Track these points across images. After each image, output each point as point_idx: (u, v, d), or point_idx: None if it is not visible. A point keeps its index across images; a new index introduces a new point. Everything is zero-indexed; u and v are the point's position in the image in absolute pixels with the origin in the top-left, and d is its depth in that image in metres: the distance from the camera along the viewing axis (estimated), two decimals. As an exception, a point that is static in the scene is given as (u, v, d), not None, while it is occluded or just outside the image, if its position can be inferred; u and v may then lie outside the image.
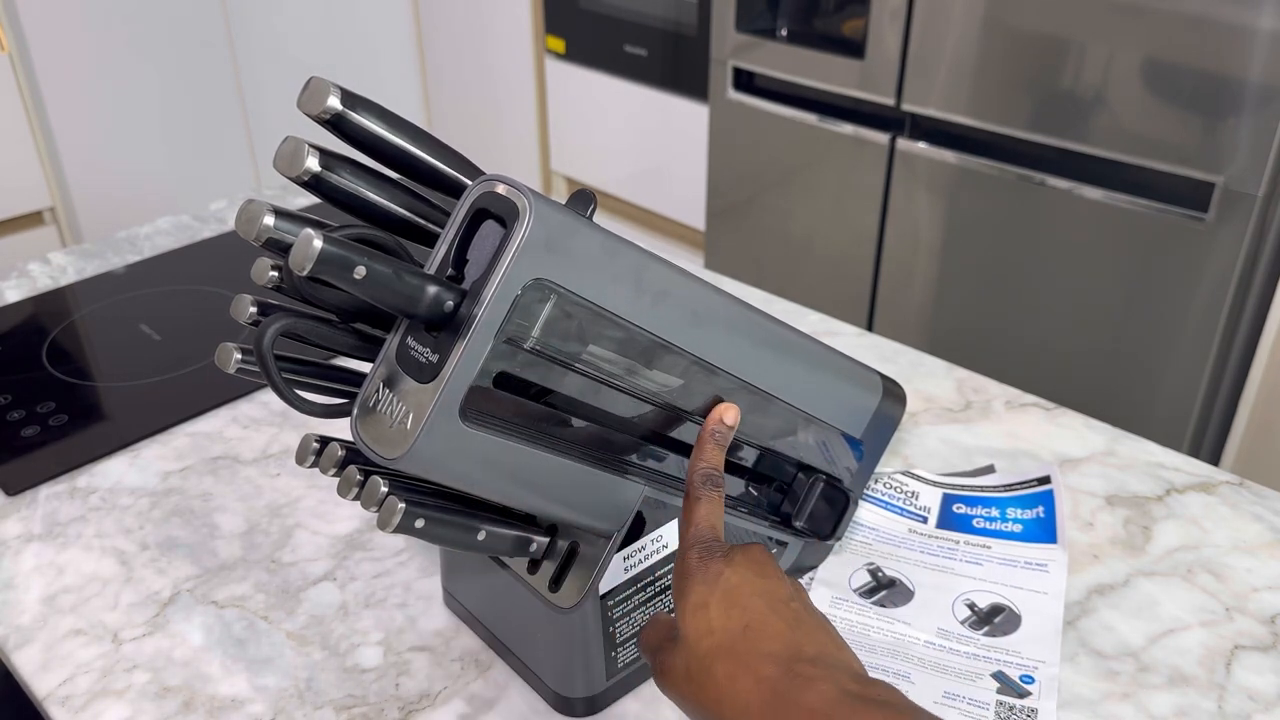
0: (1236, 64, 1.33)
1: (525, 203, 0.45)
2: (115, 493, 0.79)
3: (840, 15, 1.74)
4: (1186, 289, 1.47)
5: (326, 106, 0.46)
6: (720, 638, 0.46)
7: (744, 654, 0.45)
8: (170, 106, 2.31)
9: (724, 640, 0.46)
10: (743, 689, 0.44)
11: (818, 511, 0.66)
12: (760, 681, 0.44)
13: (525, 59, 2.47)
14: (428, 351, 0.46)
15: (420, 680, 0.64)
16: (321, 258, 0.42)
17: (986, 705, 0.61)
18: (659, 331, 0.52)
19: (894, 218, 1.78)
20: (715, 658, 0.45)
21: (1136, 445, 0.84)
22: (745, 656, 0.45)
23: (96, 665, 0.65)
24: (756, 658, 0.45)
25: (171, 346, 0.97)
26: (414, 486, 0.51)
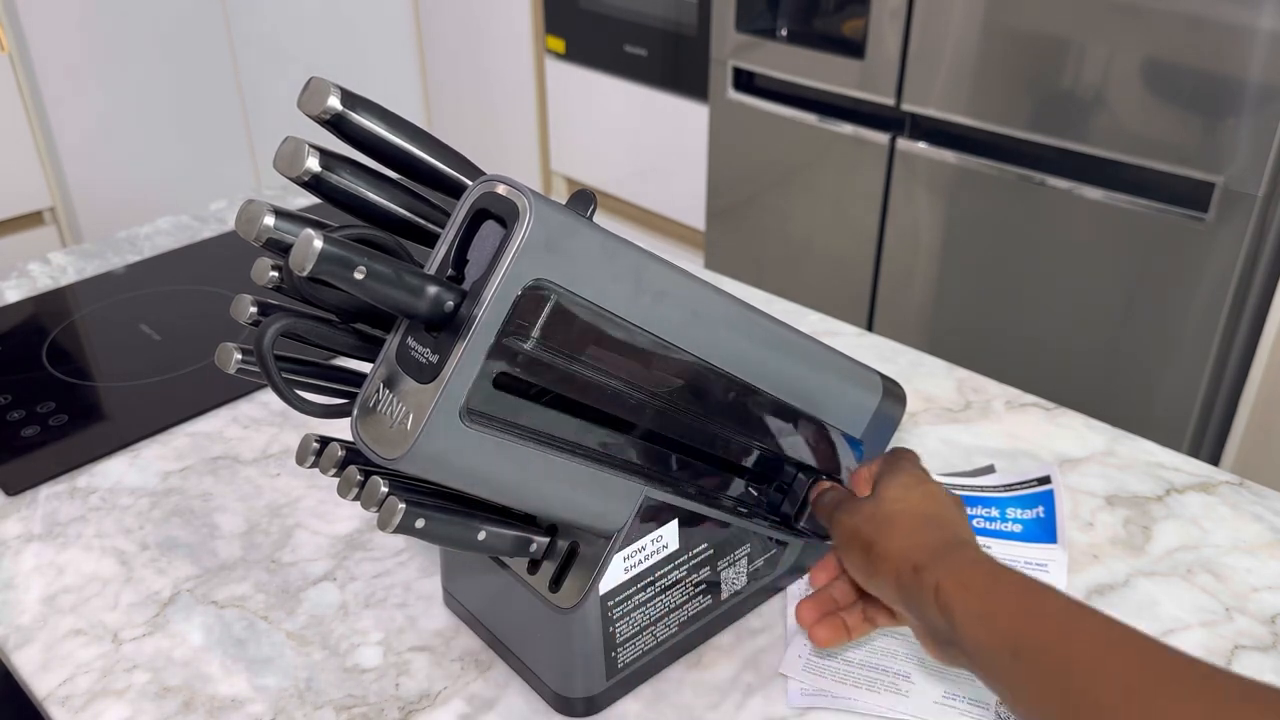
0: (1236, 64, 1.33)
1: (525, 203, 0.45)
2: (115, 493, 0.80)
3: (840, 15, 1.74)
4: (1186, 289, 1.47)
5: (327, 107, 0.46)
6: (911, 505, 0.57)
7: (924, 518, 0.56)
8: (170, 106, 2.31)
9: (913, 508, 0.57)
10: (916, 538, 0.55)
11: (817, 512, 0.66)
12: (933, 536, 0.55)
13: (525, 59, 2.47)
14: (428, 352, 0.46)
15: (420, 680, 0.64)
16: (321, 258, 0.42)
17: (987, 705, 0.61)
18: (659, 331, 0.52)
19: (894, 218, 1.78)
20: (903, 515, 0.57)
21: (1136, 445, 0.84)
22: (924, 519, 0.56)
23: (96, 665, 0.65)
24: (932, 523, 0.56)
25: (171, 346, 0.97)
26: (414, 487, 0.51)
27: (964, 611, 0.49)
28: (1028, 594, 0.49)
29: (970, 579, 0.51)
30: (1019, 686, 0.47)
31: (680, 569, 0.62)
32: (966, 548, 0.54)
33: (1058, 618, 0.47)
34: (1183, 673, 0.43)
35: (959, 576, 0.51)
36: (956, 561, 0.52)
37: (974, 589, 0.50)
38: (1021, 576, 0.51)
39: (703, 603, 0.64)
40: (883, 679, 0.63)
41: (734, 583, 0.66)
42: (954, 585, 0.51)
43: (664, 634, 0.63)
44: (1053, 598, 0.49)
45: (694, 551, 0.62)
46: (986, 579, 0.50)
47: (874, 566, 0.55)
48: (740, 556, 0.65)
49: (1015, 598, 0.49)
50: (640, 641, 0.62)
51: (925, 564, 0.52)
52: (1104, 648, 0.45)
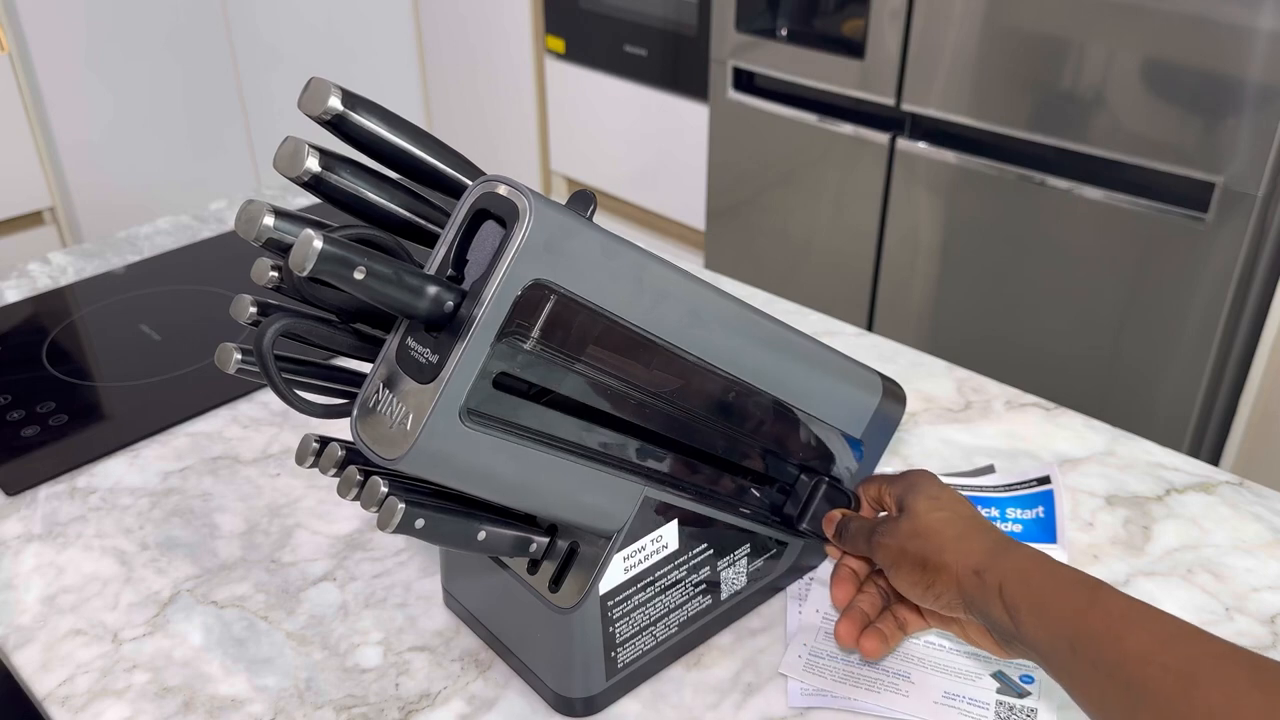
0: (1236, 64, 1.33)
1: (525, 203, 0.45)
2: (115, 493, 0.79)
3: (840, 15, 1.74)
4: (1186, 289, 1.47)
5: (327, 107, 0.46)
6: (949, 514, 0.59)
7: (967, 525, 0.58)
8: (170, 107, 2.31)
9: (951, 517, 0.59)
10: (967, 544, 0.56)
11: (818, 511, 0.66)
12: (983, 540, 0.56)
13: (525, 59, 2.47)
14: (428, 352, 0.46)
15: (420, 680, 0.64)
16: (321, 258, 0.42)
17: (986, 705, 0.61)
18: (659, 331, 0.52)
19: (894, 218, 1.78)
20: (945, 524, 0.58)
21: (1136, 445, 0.84)
22: (968, 526, 0.58)
23: (96, 665, 0.65)
24: (977, 529, 0.58)
25: (171, 346, 0.97)
26: (414, 487, 0.51)
27: (1028, 608, 0.51)
28: (1084, 588, 0.51)
29: (1030, 575, 0.53)
30: (1079, 677, 0.49)
31: (680, 569, 0.62)
32: (1016, 546, 0.56)
33: (1114, 611, 0.49)
34: (1238, 662, 0.45)
35: (1020, 574, 0.53)
36: (1014, 560, 0.54)
37: (1033, 585, 0.52)
38: (1075, 572, 0.53)
39: (702, 603, 0.64)
40: (883, 679, 0.63)
41: (734, 583, 0.66)
42: (1016, 583, 0.52)
43: (664, 634, 0.63)
44: (1107, 592, 0.50)
45: (694, 551, 0.62)
46: (1044, 575, 0.52)
47: (932, 578, 0.57)
48: (740, 556, 0.65)
49: (1073, 592, 0.51)
50: (640, 641, 0.62)
51: (985, 566, 0.54)
52: (1160, 640, 0.46)
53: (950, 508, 0.60)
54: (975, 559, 0.55)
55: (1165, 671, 0.45)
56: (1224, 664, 0.45)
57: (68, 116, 2.15)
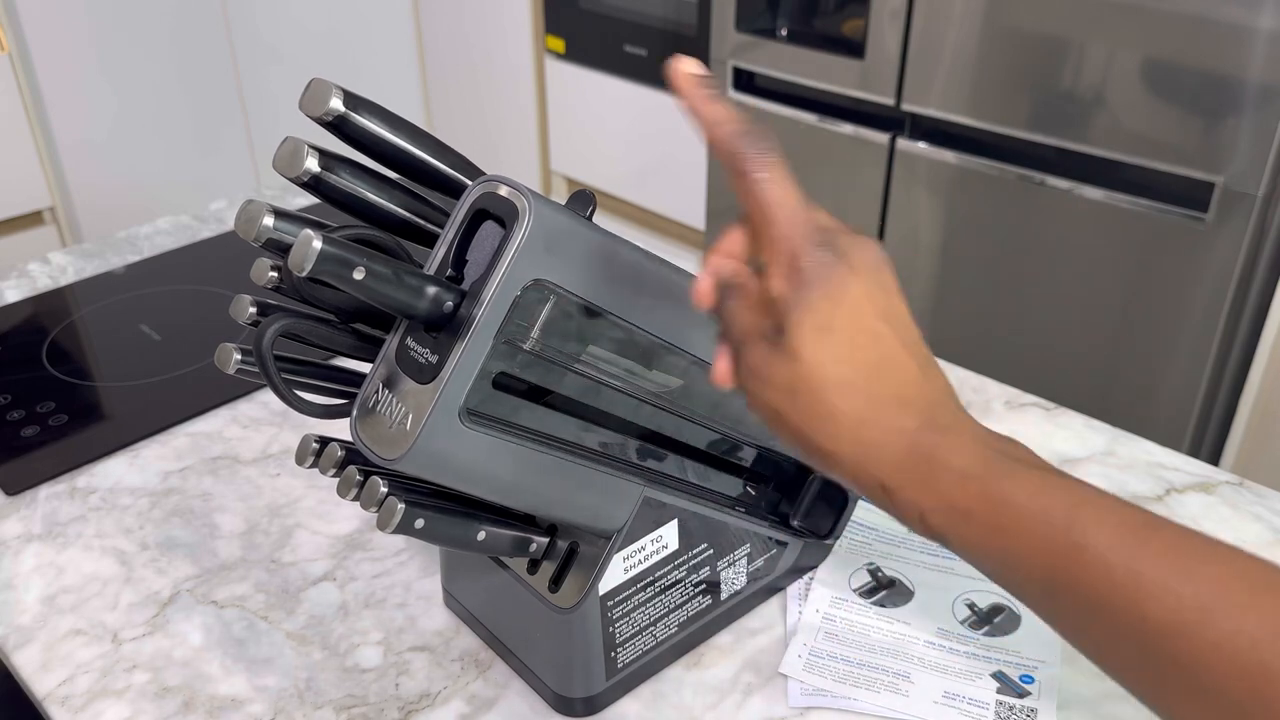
0: (1236, 64, 1.33)
1: (525, 203, 0.45)
2: (115, 493, 0.79)
3: (840, 15, 1.74)
4: (1186, 289, 1.47)
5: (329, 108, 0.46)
6: (847, 370, 0.40)
7: (876, 395, 0.40)
8: (170, 106, 2.31)
9: (851, 374, 0.40)
10: (870, 437, 0.39)
11: (816, 511, 0.66)
12: (896, 433, 0.39)
13: (525, 59, 2.47)
14: (427, 352, 0.46)
15: (420, 680, 0.64)
16: (321, 258, 0.42)
17: (986, 705, 0.61)
18: (658, 332, 0.52)
19: (894, 218, 1.77)
20: (840, 392, 0.40)
21: (1136, 445, 0.84)
22: (878, 397, 0.40)
23: (96, 665, 0.65)
24: (891, 402, 0.40)
25: (171, 346, 0.97)
26: (414, 487, 0.51)
27: (971, 549, 0.39)
28: (1049, 524, 0.37)
29: (969, 507, 0.38)
30: (1066, 620, 0.38)
31: (680, 569, 0.62)
32: (948, 450, 0.39)
33: (1100, 548, 0.36)
34: (1258, 576, 0.35)
35: (951, 504, 0.39)
36: (942, 481, 0.39)
37: (976, 521, 0.38)
38: (1034, 492, 0.38)
39: (702, 603, 0.64)
40: (883, 679, 0.63)
41: (734, 583, 0.66)
42: (945, 517, 0.39)
43: (664, 634, 0.63)
44: (1084, 521, 0.37)
45: (694, 552, 0.62)
46: (988, 506, 0.38)
47: (822, 465, 0.42)
48: (740, 557, 0.65)
49: (1035, 530, 0.37)
50: (640, 641, 0.62)
51: (896, 485, 0.40)
52: (1169, 568, 0.35)
53: (853, 354, 0.40)
54: (881, 471, 0.40)
55: (1182, 601, 0.34)
56: (1251, 579, 0.34)
57: (68, 116, 2.15)
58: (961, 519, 0.39)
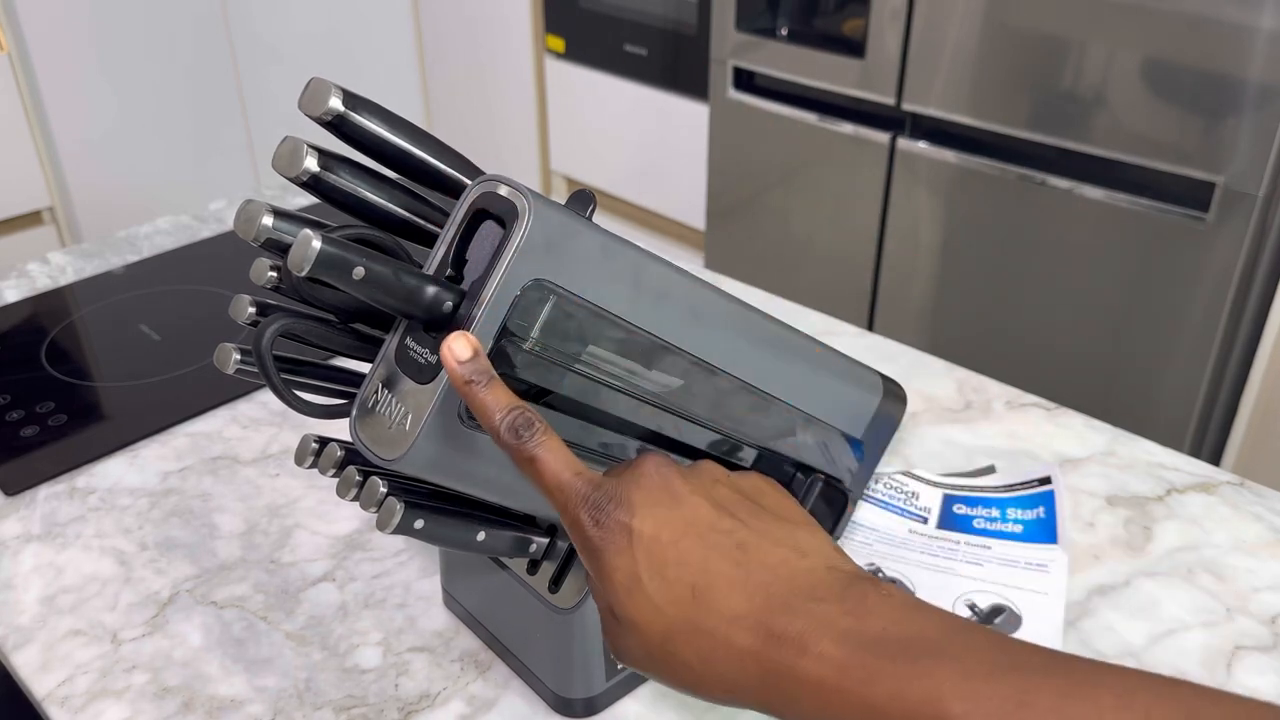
0: (1236, 64, 1.33)
1: (525, 203, 0.45)
2: (114, 493, 0.79)
3: (840, 15, 1.74)
4: (1186, 289, 1.47)
5: (328, 108, 0.46)
6: (671, 614, 0.38)
7: (705, 626, 0.38)
8: (170, 106, 2.31)
9: (676, 616, 0.38)
10: (723, 671, 0.38)
11: (816, 511, 0.66)
12: (741, 658, 0.38)
13: (525, 58, 2.47)
14: (427, 352, 0.46)
15: (420, 681, 0.64)
16: (320, 258, 0.41)
17: (987, 706, 0.61)
18: (658, 332, 0.52)
19: (894, 217, 1.77)
20: (675, 639, 0.38)
21: (1137, 445, 0.84)
22: (708, 629, 0.38)
23: (95, 665, 0.65)
24: (722, 626, 0.38)
25: (171, 346, 0.97)
26: (413, 487, 0.51)
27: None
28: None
29: (842, 716, 0.36)
30: None
31: (680, 569, 0.62)
32: (795, 661, 0.37)
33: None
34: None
35: (828, 717, 0.36)
36: (806, 698, 0.36)
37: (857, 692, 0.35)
38: (893, 694, 0.35)
39: (702, 603, 0.64)
40: (883, 679, 0.63)
41: (734, 583, 0.66)
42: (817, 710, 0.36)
43: (664, 634, 0.63)
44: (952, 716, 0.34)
45: (694, 552, 0.62)
46: (857, 715, 0.35)
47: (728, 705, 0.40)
48: (740, 557, 0.65)
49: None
50: (640, 642, 0.61)
51: (775, 706, 0.37)
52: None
53: (667, 596, 0.39)
54: (753, 695, 0.38)
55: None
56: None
57: (67, 116, 2.15)
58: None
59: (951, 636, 0.36)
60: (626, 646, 0.40)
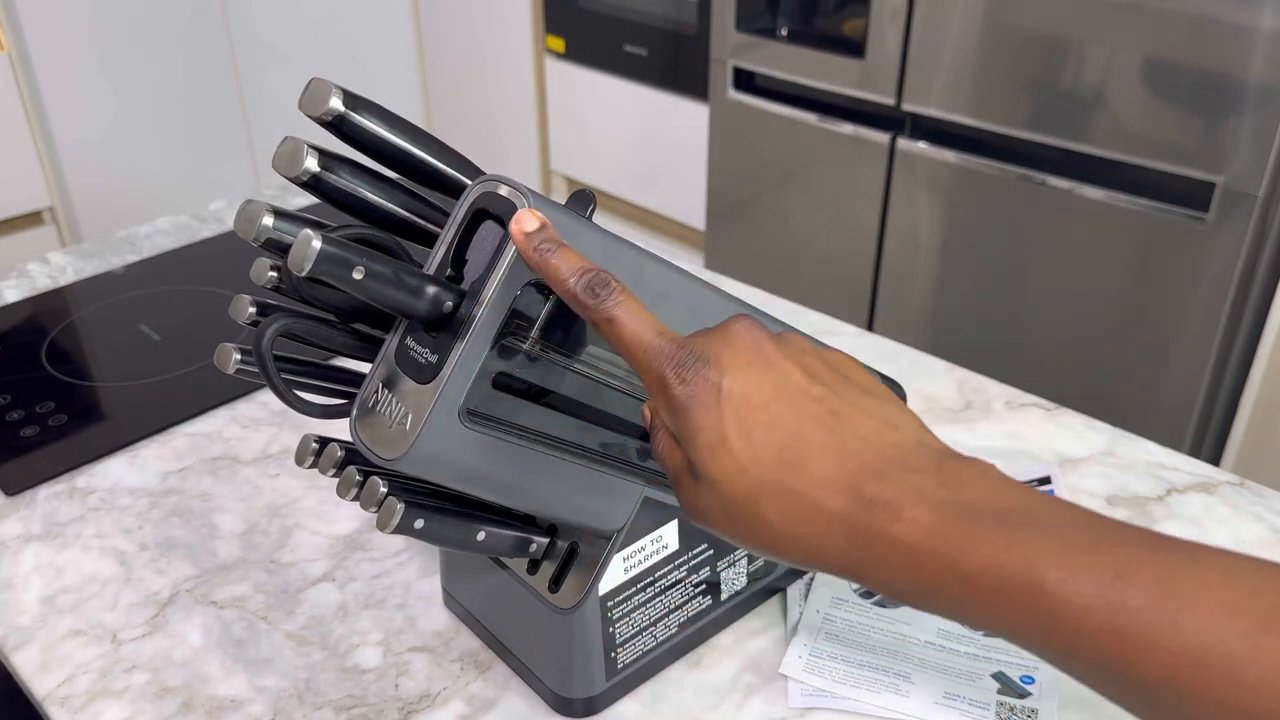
0: (1236, 64, 1.33)
1: (525, 203, 0.45)
2: (114, 493, 0.79)
3: (840, 15, 1.74)
4: (1186, 289, 1.47)
5: (329, 108, 0.46)
6: (757, 474, 0.38)
7: (794, 488, 0.38)
8: (170, 107, 2.31)
9: (763, 477, 0.38)
10: (809, 532, 0.37)
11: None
12: (829, 521, 0.37)
13: (525, 59, 2.47)
14: (427, 352, 0.46)
15: (420, 681, 0.64)
16: (320, 258, 0.41)
17: (987, 706, 0.61)
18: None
19: (894, 217, 1.77)
20: (760, 500, 0.38)
21: (1137, 445, 0.84)
22: (797, 491, 0.38)
23: (96, 665, 0.65)
24: (812, 489, 0.37)
25: (171, 346, 0.97)
26: (413, 487, 0.51)
27: (953, 618, 0.37)
28: (1013, 597, 0.34)
29: (930, 584, 0.35)
30: (1074, 677, 0.35)
31: (680, 569, 0.62)
32: (887, 526, 0.36)
33: (1074, 611, 0.33)
34: (1252, 613, 0.32)
35: (913, 583, 0.36)
36: (894, 562, 0.36)
37: (943, 596, 0.36)
38: (987, 563, 0.34)
39: (702, 603, 0.64)
40: (883, 679, 0.63)
41: (734, 583, 0.66)
42: (913, 596, 0.37)
43: (664, 634, 0.63)
44: (1049, 586, 0.33)
45: (694, 552, 0.62)
46: (947, 581, 0.35)
47: (801, 568, 0.41)
48: (740, 557, 0.65)
49: (1002, 602, 0.34)
50: (640, 642, 0.61)
51: (856, 571, 0.37)
52: (1151, 623, 0.32)
53: (755, 456, 0.38)
54: (835, 559, 0.38)
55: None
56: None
57: (67, 116, 2.15)
58: (930, 596, 0.36)
59: (1050, 510, 0.36)
60: (703, 505, 0.40)
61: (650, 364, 0.40)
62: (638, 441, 0.56)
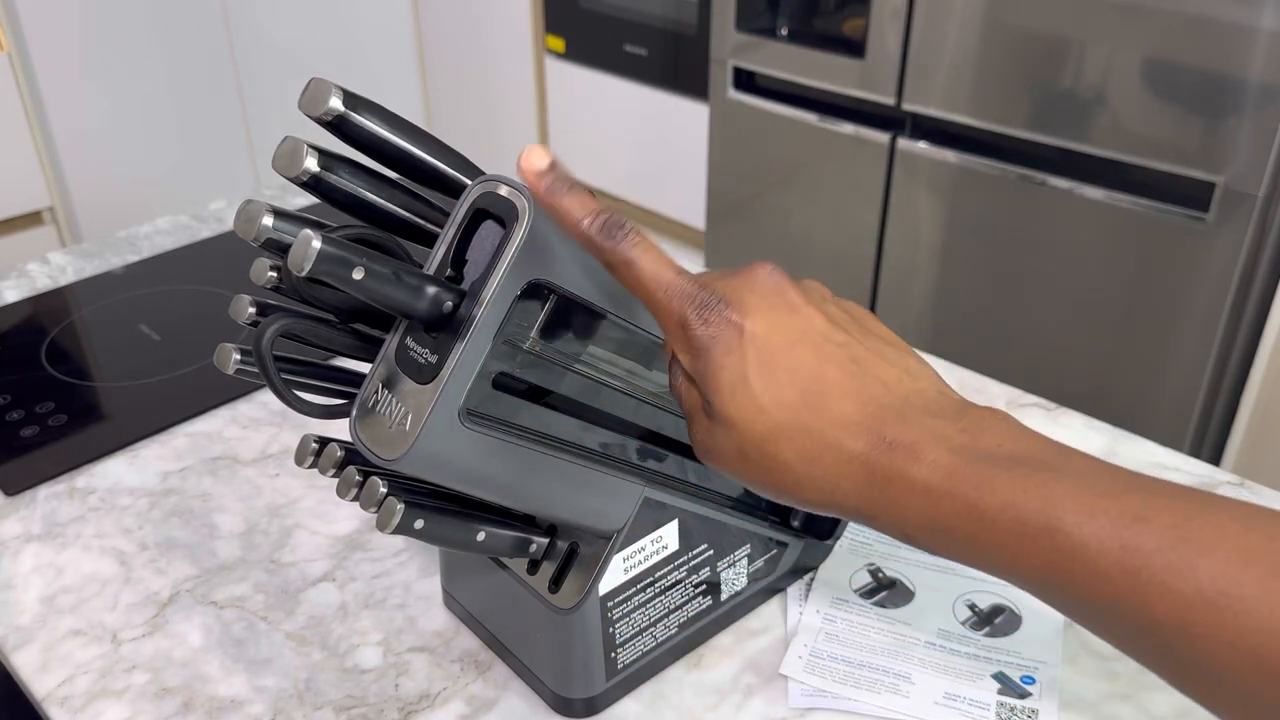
0: (1236, 64, 1.33)
1: (525, 203, 0.45)
2: (114, 493, 0.79)
3: (840, 15, 1.74)
4: (1186, 289, 1.47)
5: (328, 108, 0.46)
6: (777, 416, 0.38)
7: (814, 429, 0.38)
8: (170, 106, 2.31)
9: (783, 419, 0.38)
10: (827, 473, 0.38)
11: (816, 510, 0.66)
12: (848, 461, 0.38)
13: (525, 59, 2.47)
14: (427, 352, 0.46)
15: (420, 681, 0.64)
16: (320, 258, 0.41)
17: (987, 706, 0.61)
18: (658, 332, 0.52)
19: (894, 217, 1.77)
20: (779, 440, 0.38)
21: (1137, 445, 0.84)
22: (816, 431, 0.38)
23: (95, 666, 0.65)
24: (832, 430, 0.38)
25: (171, 346, 0.97)
26: (413, 487, 0.51)
27: (963, 560, 0.37)
28: (1029, 536, 0.34)
29: (945, 524, 0.36)
30: (1081, 621, 0.35)
31: (680, 570, 0.62)
32: (906, 466, 0.37)
33: (1089, 553, 0.33)
34: (1266, 557, 0.32)
35: (928, 524, 0.36)
36: (911, 502, 0.37)
37: (957, 536, 0.36)
38: (1005, 502, 0.35)
39: (703, 603, 0.64)
40: (883, 679, 0.63)
41: (734, 583, 0.66)
42: (927, 536, 0.37)
43: (664, 635, 0.63)
44: (1066, 527, 0.34)
45: (694, 552, 0.62)
46: (963, 521, 0.36)
47: (808, 510, 0.41)
48: (740, 557, 0.65)
49: (1017, 543, 0.35)
50: (640, 642, 0.61)
51: (870, 512, 0.38)
52: (1167, 566, 0.32)
53: (776, 396, 0.38)
54: (850, 500, 0.38)
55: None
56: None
57: (67, 116, 2.15)
58: (943, 536, 0.37)
59: (1068, 457, 0.36)
60: (718, 446, 0.40)
61: (670, 304, 0.40)
62: (638, 441, 0.56)
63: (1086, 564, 0.33)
